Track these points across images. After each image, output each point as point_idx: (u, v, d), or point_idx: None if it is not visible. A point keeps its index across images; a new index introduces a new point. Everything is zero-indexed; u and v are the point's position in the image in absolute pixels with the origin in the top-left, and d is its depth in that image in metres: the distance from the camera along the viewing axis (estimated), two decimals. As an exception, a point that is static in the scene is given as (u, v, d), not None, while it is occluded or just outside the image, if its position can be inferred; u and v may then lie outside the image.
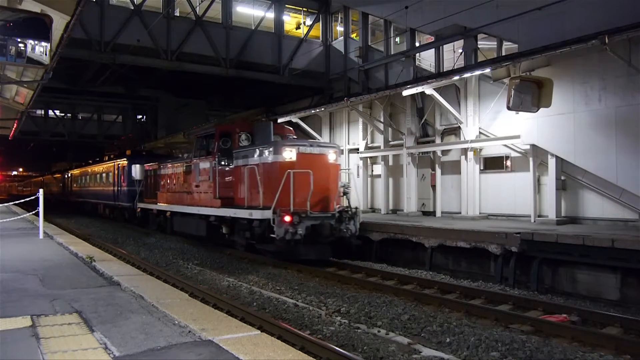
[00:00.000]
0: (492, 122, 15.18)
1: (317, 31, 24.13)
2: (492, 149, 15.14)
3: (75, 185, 36.83)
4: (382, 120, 19.10)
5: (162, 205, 18.50)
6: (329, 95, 23.39)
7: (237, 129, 14.05)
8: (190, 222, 15.64)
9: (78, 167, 36.61)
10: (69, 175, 39.64)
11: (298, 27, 23.90)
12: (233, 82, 23.39)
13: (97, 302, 5.69)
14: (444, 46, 17.94)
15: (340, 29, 23.79)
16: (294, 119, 20.89)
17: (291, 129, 15.26)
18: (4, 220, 16.15)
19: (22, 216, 18.41)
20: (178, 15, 21.27)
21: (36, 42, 7.43)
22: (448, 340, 6.24)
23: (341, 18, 23.50)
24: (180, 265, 12.13)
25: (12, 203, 24.49)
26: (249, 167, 12.55)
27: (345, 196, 12.71)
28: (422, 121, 17.63)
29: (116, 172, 25.72)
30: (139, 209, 21.39)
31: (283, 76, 22.71)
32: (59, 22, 8.40)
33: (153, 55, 19.83)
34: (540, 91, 12.44)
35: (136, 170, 21.18)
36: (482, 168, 15.48)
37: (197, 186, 15.18)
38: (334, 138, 22.29)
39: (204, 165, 14.71)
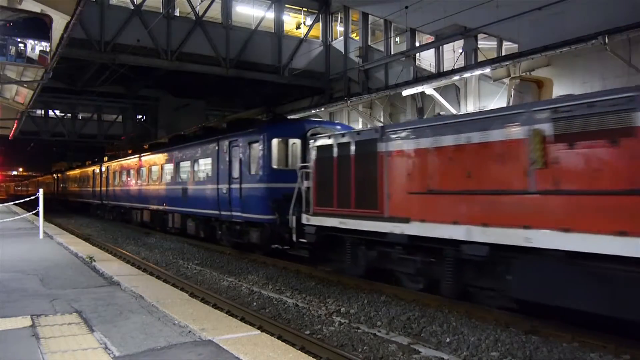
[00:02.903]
0: (492, 122, 15.16)
1: (317, 31, 24.14)
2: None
3: (117, 184, 24.74)
4: (382, 120, 19.10)
5: (449, 228, 7.19)
6: (329, 95, 23.40)
7: None
8: None
9: (120, 157, 24.88)
10: (101, 170, 27.72)
11: (298, 27, 23.92)
12: (233, 82, 23.41)
13: (97, 302, 5.69)
14: (444, 46, 17.94)
15: (340, 29, 23.80)
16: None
17: None
18: (4, 220, 16.15)
19: (22, 216, 18.41)
20: (178, 15, 21.30)
21: (36, 42, 7.44)
22: (448, 340, 6.23)
23: (341, 18, 23.51)
24: (180, 265, 12.13)
25: (13, 203, 24.53)
26: None
27: None
28: (423, 121, 17.57)
29: (226, 157, 13.76)
30: (305, 227, 10.21)
31: (283, 76, 22.72)
32: (59, 22, 8.40)
33: (153, 55, 19.84)
34: (540, 91, 12.42)
35: (292, 151, 12.17)
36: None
37: None
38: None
39: None
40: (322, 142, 10.09)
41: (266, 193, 11.96)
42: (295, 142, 12.26)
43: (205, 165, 15.41)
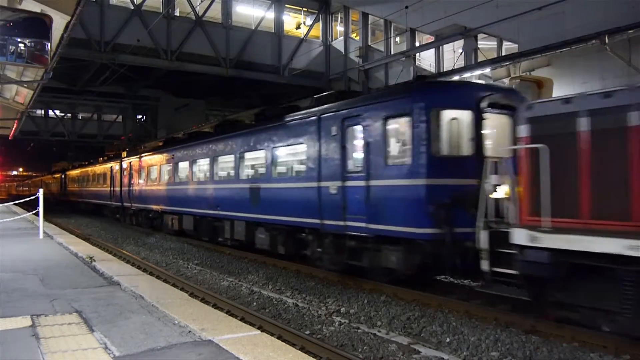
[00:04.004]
0: (492, 122, 15.16)
1: (317, 31, 24.15)
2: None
3: (145, 183, 20.07)
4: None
5: None
6: (329, 95, 23.40)
7: None
8: None
9: (149, 150, 20.57)
10: (121, 167, 23.01)
11: (298, 27, 23.93)
12: (233, 82, 23.44)
13: (97, 302, 5.69)
14: (444, 46, 17.95)
15: (340, 29, 23.81)
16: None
17: None
18: (4, 220, 16.15)
19: (22, 216, 18.42)
20: (178, 15, 21.31)
21: (35, 41, 7.44)
22: (448, 340, 6.23)
23: (341, 18, 23.52)
24: (180, 265, 12.13)
25: (13, 203, 24.53)
26: None
27: None
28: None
29: (336, 142, 9.45)
30: (521, 250, 6.07)
31: (283, 76, 22.75)
32: (59, 22, 8.40)
33: (153, 55, 19.87)
34: (540, 91, 12.46)
35: (450, 129, 7.93)
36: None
37: None
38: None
39: None
40: (547, 109, 6.07)
41: (423, 194, 7.77)
42: (456, 117, 7.94)
43: (292, 155, 11.31)
